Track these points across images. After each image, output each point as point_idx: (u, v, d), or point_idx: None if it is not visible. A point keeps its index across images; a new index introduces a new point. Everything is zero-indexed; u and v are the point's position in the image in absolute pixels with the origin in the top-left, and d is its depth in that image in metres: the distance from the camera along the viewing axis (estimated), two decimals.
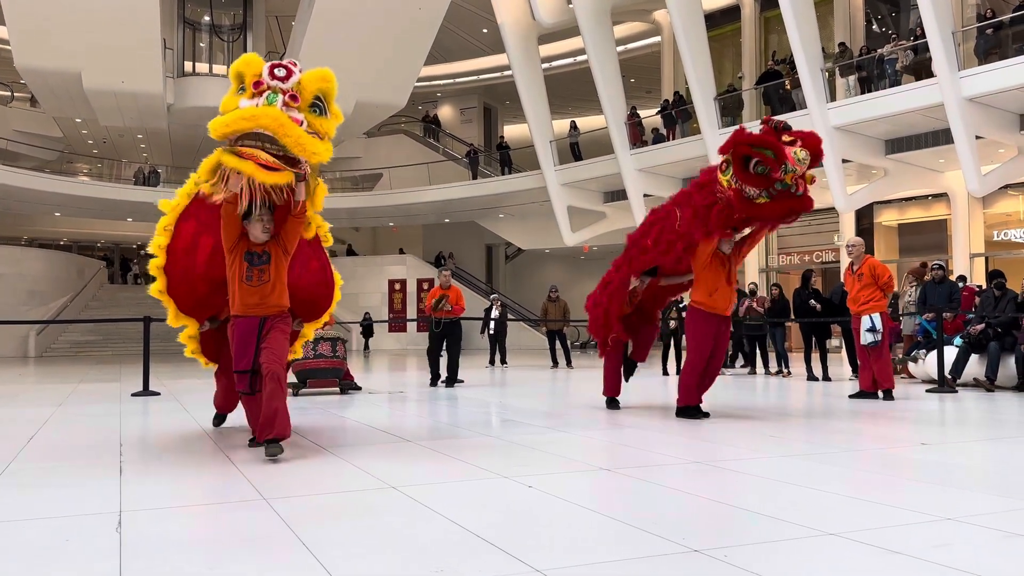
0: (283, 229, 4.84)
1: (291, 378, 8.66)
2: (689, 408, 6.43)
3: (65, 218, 30.98)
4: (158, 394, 9.17)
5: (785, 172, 5.67)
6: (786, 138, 5.78)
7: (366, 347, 24.81)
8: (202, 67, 25.95)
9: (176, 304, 5.37)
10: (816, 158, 5.82)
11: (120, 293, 31.56)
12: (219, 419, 6.11)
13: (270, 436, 4.57)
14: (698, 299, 6.48)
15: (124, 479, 4.08)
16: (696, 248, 6.32)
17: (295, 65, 4.51)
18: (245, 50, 25.81)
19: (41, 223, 32.59)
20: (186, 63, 25.43)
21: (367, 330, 24.56)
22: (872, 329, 7.99)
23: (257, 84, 4.32)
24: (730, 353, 13.03)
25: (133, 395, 9.13)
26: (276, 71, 4.36)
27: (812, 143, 5.82)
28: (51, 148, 28.71)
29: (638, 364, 7.50)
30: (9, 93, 28.50)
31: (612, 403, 7.29)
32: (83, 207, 27.93)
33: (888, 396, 8.03)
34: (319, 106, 4.48)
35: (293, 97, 4.32)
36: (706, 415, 6.41)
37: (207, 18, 26.22)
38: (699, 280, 6.47)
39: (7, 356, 23.05)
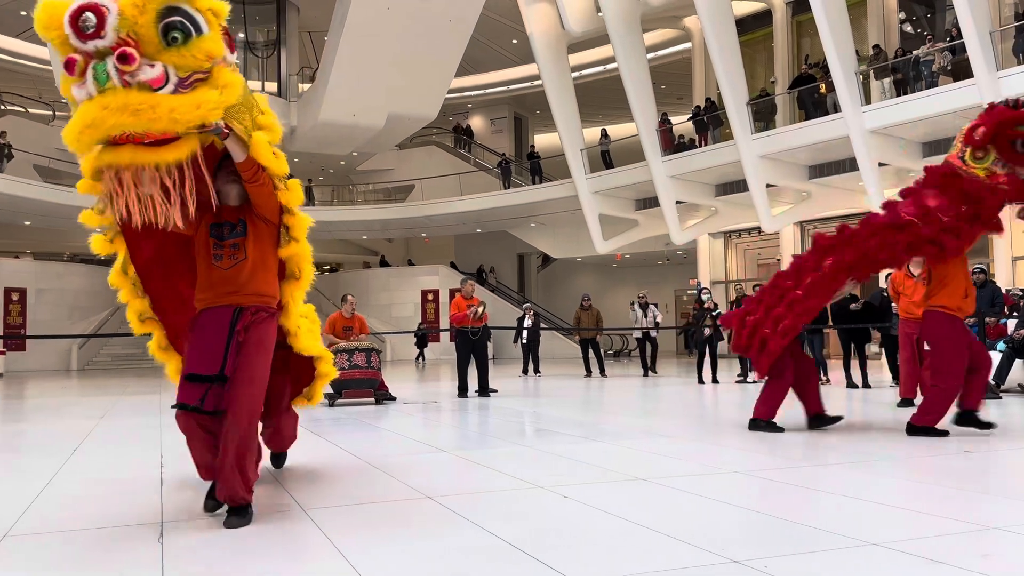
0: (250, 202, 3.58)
1: (327, 388, 8.74)
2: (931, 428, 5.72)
3: None
4: None
5: None
6: None
7: (420, 357, 23.84)
8: None
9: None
10: None
11: None
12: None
13: (236, 502, 3.39)
14: (946, 303, 5.73)
15: (165, 490, 4.14)
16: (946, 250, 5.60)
17: None
18: (279, 67, 26.25)
19: (82, 239, 33.06)
20: None
21: (421, 340, 24.17)
22: None
23: (70, 64, 2.89)
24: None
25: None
26: (82, 23, 2.80)
27: None
28: None
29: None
30: (51, 112, 29.19)
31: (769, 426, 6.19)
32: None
33: None
34: (177, 25, 2.91)
35: (123, 57, 2.80)
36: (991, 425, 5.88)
37: (242, 35, 26.65)
38: (948, 282, 5.71)
39: (51, 369, 23.56)
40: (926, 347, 7.69)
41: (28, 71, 28.92)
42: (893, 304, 10.14)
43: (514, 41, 27.98)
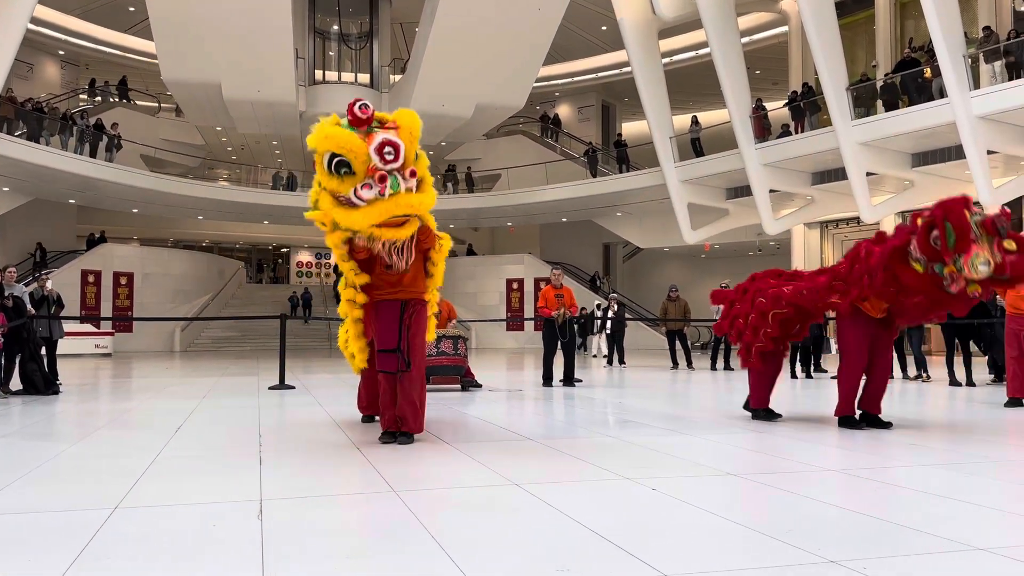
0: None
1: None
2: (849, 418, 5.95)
3: (207, 221, 32.95)
4: (293, 388, 9.62)
5: (954, 263, 4.98)
6: (981, 263, 4.90)
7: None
8: (331, 75, 27.00)
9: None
10: (1008, 279, 5.01)
11: (257, 292, 33.31)
12: (368, 419, 6.16)
13: (413, 430, 5.12)
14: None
15: (263, 469, 4.30)
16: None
17: (366, 113, 4.65)
18: (372, 58, 26.72)
19: (185, 226, 34.77)
20: (316, 71, 26.52)
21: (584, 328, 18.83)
22: None
23: (383, 179, 4.51)
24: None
25: (270, 388, 9.61)
26: (386, 153, 4.50)
27: (1017, 270, 4.93)
28: (194, 155, 30.60)
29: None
30: (157, 104, 30.57)
31: (765, 413, 6.50)
32: (223, 210, 29.60)
33: None
34: (417, 154, 4.85)
35: (412, 173, 4.62)
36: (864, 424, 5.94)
37: (335, 27, 27.26)
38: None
39: (156, 350, 24.75)
40: None
41: (137, 64, 30.32)
42: (999, 299, 9.65)
43: (603, 28, 27.72)
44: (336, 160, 4.56)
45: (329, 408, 7.33)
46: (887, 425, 5.95)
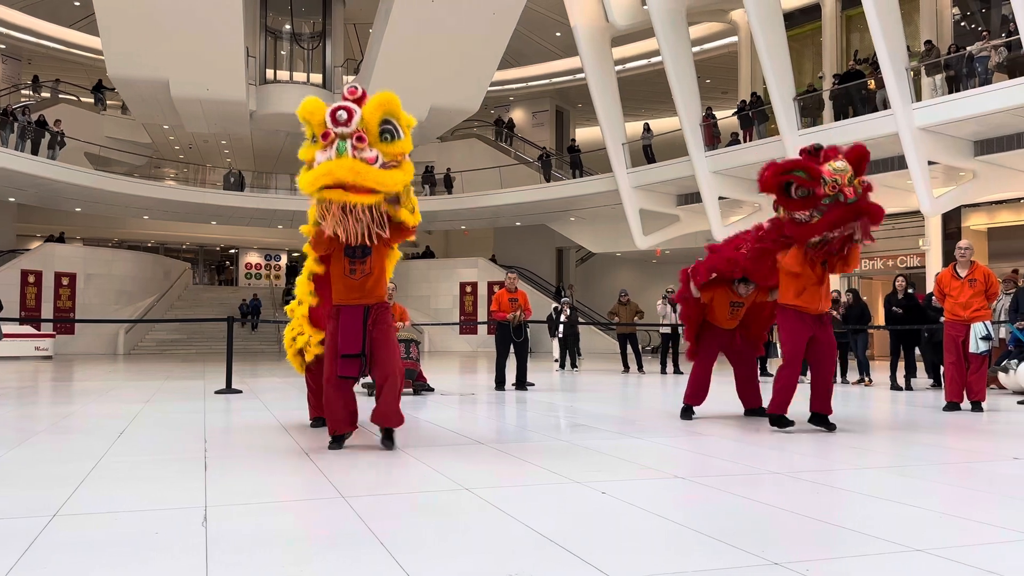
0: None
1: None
2: (779, 417, 6.14)
3: (153, 221, 32.25)
4: (240, 392, 9.46)
5: (825, 185, 5.54)
6: (836, 162, 5.65)
7: (573, 362, 16.37)
8: (283, 74, 26.66)
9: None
10: (858, 165, 5.67)
11: (204, 294, 32.72)
12: (318, 422, 6.09)
13: (390, 425, 5.12)
14: (786, 299, 6.16)
15: (209, 474, 4.22)
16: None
17: (354, 94, 4.71)
18: (324, 59, 26.45)
19: (130, 225, 34.00)
20: (267, 71, 26.17)
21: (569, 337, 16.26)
22: (987, 337, 7.71)
23: (324, 135, 4.60)
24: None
25: (216, 392, 9.44)
26: (338, 115, 4.58)
27: (854, 153, 5.71)
28: (140, 154, 29.93)
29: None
30: (94, 99, 29.82)
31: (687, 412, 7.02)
32: (170, 210, 29.02)
33: (977, 407, 7.72)
34: (389, 130, 4.72)
35: (360, 138, 4.57)
36: (791, 423, 6.10)
37: (288, 26, 26.92)
38: (786, 281, 6.17)
39: (98, 353, 24.13)
40: (971, 350, 7.61)
41: (81, 60, 29.57)
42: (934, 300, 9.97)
43: (557, 34, 27.88)
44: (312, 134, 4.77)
45: (277, 412, 7.23)
46: (831, 428, 6.08)
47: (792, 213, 5.76)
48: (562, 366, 15.96)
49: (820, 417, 6.17)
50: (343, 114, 4.58)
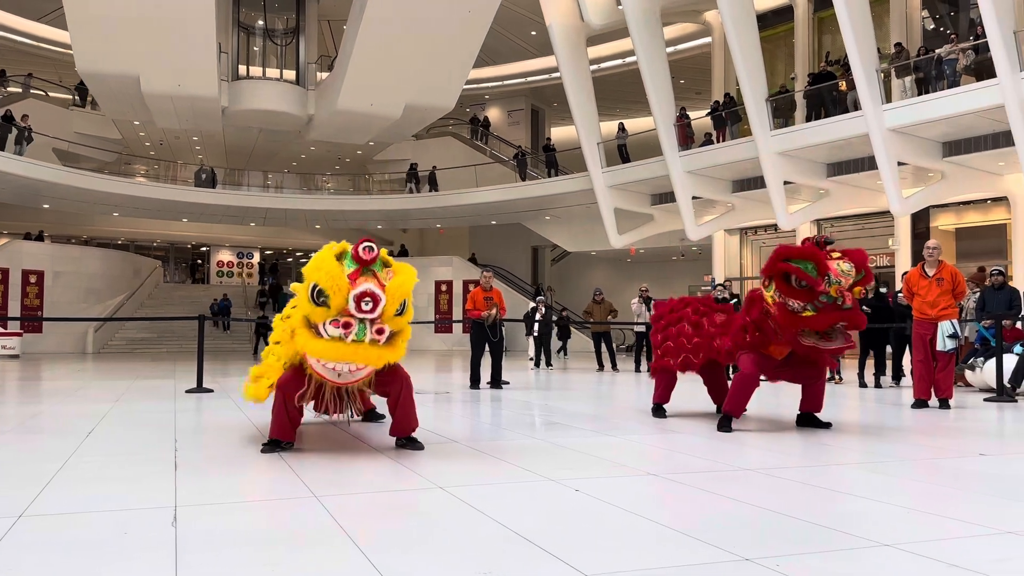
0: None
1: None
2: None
3: (123, 218, 31.81)
4: (211, 391, 9.37)
5: (829, 284, 5.56)
6: (834, 254, 5.72)
7: (548, 361, 16.50)
8: (256, 71, 26.42)
9: None
10: (861, 271, 5.71)
11: (175, 292, 32.35)
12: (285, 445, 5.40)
13: (410, 433, 5.11)
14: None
15: (179, 474, 4.17)
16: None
17: (370, 255, 4.58)
18: (298, 55, 26.25)
19: (100, 223, 33.52)
20: (240, 67, 25.92)
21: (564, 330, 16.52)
22: (954, 335, 7.83)
23: (347, 326, 4.47)
24: None
25: (187, 392, 9.34)
26: (363, 304, 4.48)
27: (858, 257, 5.75)
28: (110, 150, 29.49)
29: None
30: (71, 96, 29.38)
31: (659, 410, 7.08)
32: (140, 207, 28.64)
33: (944, 405, 7.84)
34: (399, 311, 4.68)
35: (380, 331, 4.52)
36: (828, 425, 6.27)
37: (261, 22, 26.69)
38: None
39: (67, 352, 23.76)
40: (938, 348, 7.74)
41: (50, 55, 29.09)
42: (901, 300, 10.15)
43: (533, 33, 27.89)
44: (318, 290, 4.57)
45: (249, 412, 7.16)
46: (826, 425, 6.24)
47: (787, 299, 5.69)
48: (537, 364, 15.98)
49: (811, 416, 6.30)
50: (369, 303, 4.49)
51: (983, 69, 15.04)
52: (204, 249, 39.75)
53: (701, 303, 7.00)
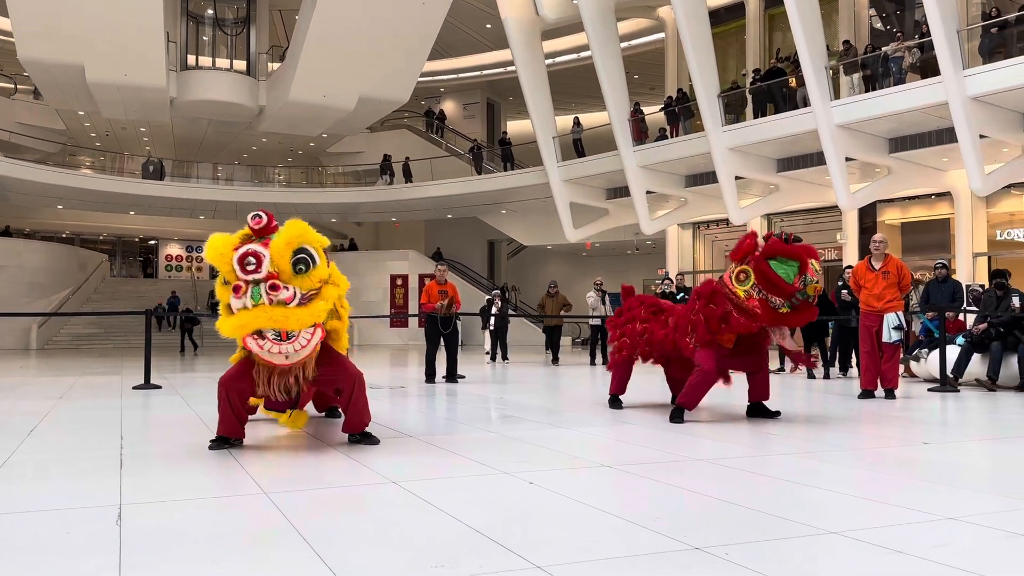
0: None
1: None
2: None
3: (67, 211, 30.97)
4: (160, 387, 9.18)
5: (805, 284, 5.78)
6: (817, 262, 5.96)
7: (504, 355, 16.33)
8: (205, 61, 25.90)
9: None
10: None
11: (122, 287, 31.60)
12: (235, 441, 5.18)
13: (362, 429, 5.00)
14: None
15: (124, 472, 4.08)
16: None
17: (259, 223, 4.45)
18: (248, 45, 25.80)
19: (43, 215, 32.60)
20: (189, 56, 25.39)
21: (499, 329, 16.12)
22: (899, 327, 8.04)
23: (237, 288, 4.32)
24: None
25: (135, 388, 9.14)
26: (246, 264, 4.29)
27: (815, 255, 6.03)
28: (54, 140, 28.68)
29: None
30: (12, 85, 28.48)
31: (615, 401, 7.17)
32: (85, 200, 27.93)
33: (890, 395, 8.03)
34: (303, 260, 4.40)
35: (273, 286, 4.30)
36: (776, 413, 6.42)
37: (210, 11, 26.17)
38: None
39: (9, 348, 23.08)
40: (884, 339, 7.92)
41: None
42: (845, 295, 10.39)
43: (488, 26, 27.81)
44: (217, 272, 4.51)
45: (198, 408, 7.03)
46: (775, 414, 6.40)
47: (771, 296, 5.82)
48: (493, 358, 15.98)
49: (760, 406, 6.43)
50: (251, 261, 4.28)
51: (928, 67, 15.41)
52: (152, 243, 38.92)
53: (651, 303, 7.01)
